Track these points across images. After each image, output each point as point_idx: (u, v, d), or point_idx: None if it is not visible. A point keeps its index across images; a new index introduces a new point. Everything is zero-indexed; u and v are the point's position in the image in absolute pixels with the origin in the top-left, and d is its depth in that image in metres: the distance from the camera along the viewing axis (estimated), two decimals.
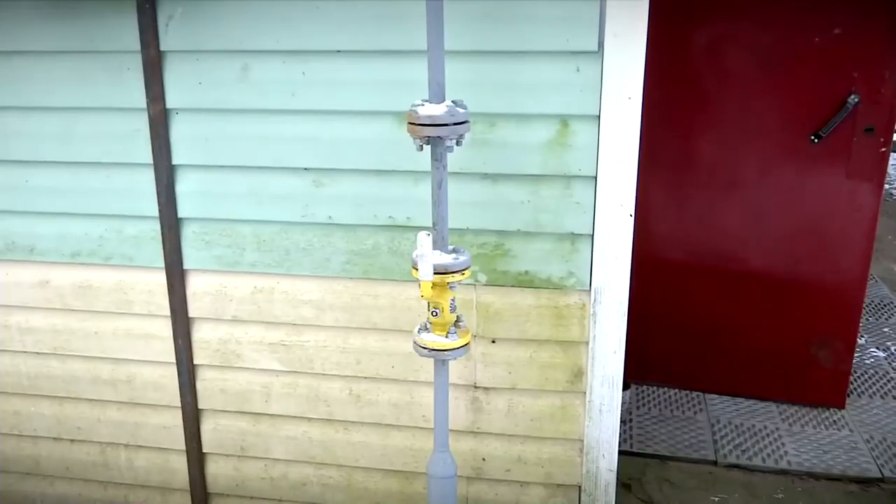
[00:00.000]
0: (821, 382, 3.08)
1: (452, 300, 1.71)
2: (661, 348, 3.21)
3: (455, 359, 1.77)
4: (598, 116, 1.85)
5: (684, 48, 2.88)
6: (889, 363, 3.48)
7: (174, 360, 2.27)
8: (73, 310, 2.29)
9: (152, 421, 2.37)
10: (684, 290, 3.12)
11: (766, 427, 2.99)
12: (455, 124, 1.59)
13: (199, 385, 2.29)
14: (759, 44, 2.79)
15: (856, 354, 3.25)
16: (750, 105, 2.85)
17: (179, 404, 2.31)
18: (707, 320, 3.13)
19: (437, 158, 1.63)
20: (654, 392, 3.26)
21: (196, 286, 2.20)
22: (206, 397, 2.30)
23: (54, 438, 2.46)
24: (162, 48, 1.98)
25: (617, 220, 1.92)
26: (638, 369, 3.18)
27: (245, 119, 2.01)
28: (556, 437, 2.14)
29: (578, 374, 2.08)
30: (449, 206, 1.68)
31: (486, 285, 2.06)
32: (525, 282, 2.03)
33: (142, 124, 2.05)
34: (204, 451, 2.36)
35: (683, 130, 2.96)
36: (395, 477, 2.28)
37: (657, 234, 3.08)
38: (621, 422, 2.47)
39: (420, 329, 1.77)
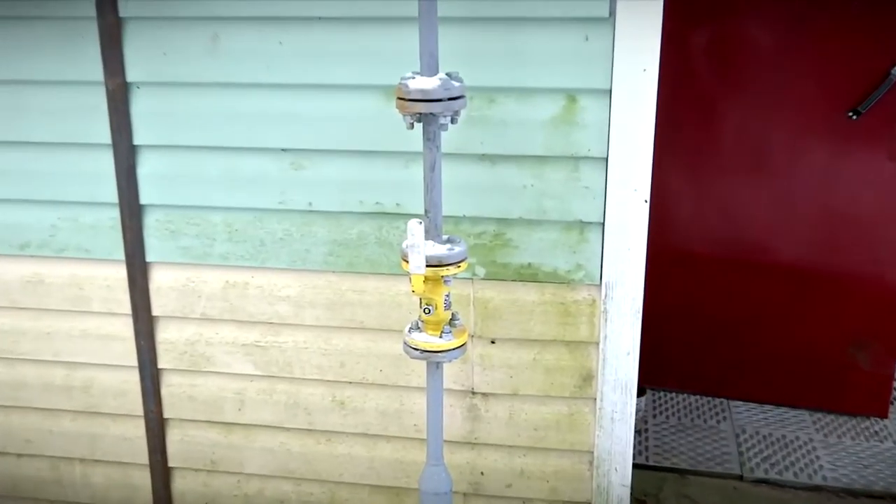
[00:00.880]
0: (860, 388, 3.11)
1: (447, 296, 1.74)
2: (680, 350, 3.24)
3: (450, 361, 1.79)
4: (610, 91, 1.88)
5: (705, 15, 2.91)
6: None
7: (136, 364, 2.30)
8: (21, 308, 2.32)
9: (111, 432, 2.40)
10: (706, 285, 3.15)
11: (797, 438, 3.03)
12: (449, 99, 1.61)
13: (164, 391, 2.33)
14: (789, 9, 2.82)
15: None
16: (779, 78, 2.88)
17: (142, 413, 2.34)
18: (732, 318, 3.16)
19: (430, 138, 1.65)
20: (672, 399, 3.30)
21: (160, 281, 2.23)
22: (171, 405, 2.33)
23: None
24: (121, 14, 2.00)
25: (630, 207, 1.95)
26: (654, 373, 3.21)
27: (215, 94, 2.04)
28: (563, 448, 2.18)
29: (588, 379, 2.12)
30: (443, 190, 1.71)
31: (484, 279, 2.09)
32: (528, 275, 2.07)
33: (99, 100, 2.07)
34: (170, 465, 2.40)
35: (705, 107, 2.99)
36: (383, 493, 2.32)
37: (675, 222, 3.11)
38: (636, 431, 2.50)
39: (411, 328, 1.80)
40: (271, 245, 2.15)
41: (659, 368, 3.22)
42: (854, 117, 2.83)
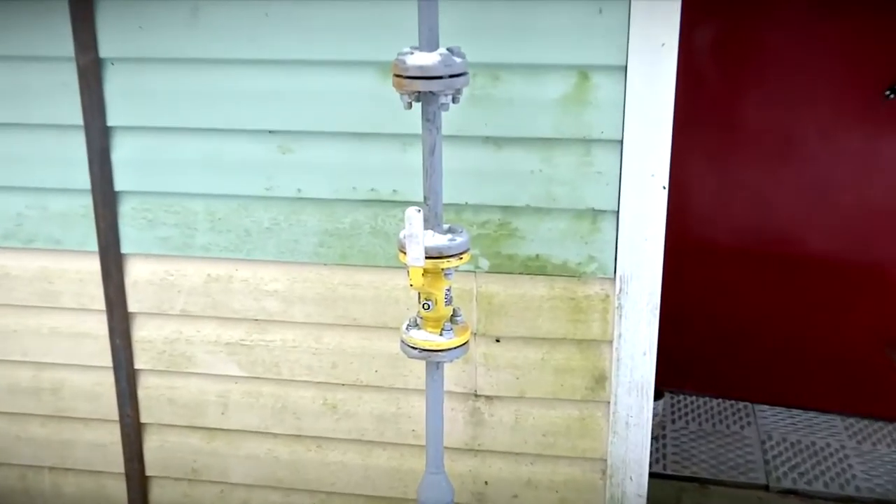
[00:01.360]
0: None
1: (448, 290, 1.74)
2: (702, 349, 3.25)
3: (451, 361, 1.79)
4: (625, 67, 1.88)
5: None
6: None
7: (111, 365, 2.30)
8: None
9: (84, 438, 2.41)
10: (730, 280, 3.15)
11: (828, 445, 3.04)
12: (451, 77, 1.61)
13: (140, 394, 2.33)
14: None
15: None
16: (809, 53, 2.87)
17: (117, 417, 2.35)
18: (758, 316, 3.16)
19: (430, 118, 1.65)
20: (692, 402, 3.31)
21: (137, 274, 2.24)
22: (149, 409, 2.34)
23: None
24: None
25: (647, 194, 1.95)
26: (673, 375, 3.20)
27: (195, 71, 2.04)
28: (574, 455, 2.19)
29: (600, 380, 2.12)
30: (444, 176, 1.71)
31: (488, 272, 2.09)
32: (536, 268, 2.07)
33: (69, 77, 2.07)
34: (147, 473, 2.40)
35: (728, 84, 2.99)
36: None
37: (696, 211, 3.11)
38: (653, 438, 2.50)
39: (409, 325, 1.80)
40: (257, 235, 2.15)
41: (678, 369, 3.22)
42: (891, 96, 2.83)
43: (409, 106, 1.64)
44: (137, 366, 2.31)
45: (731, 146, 3.04)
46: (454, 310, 1.79)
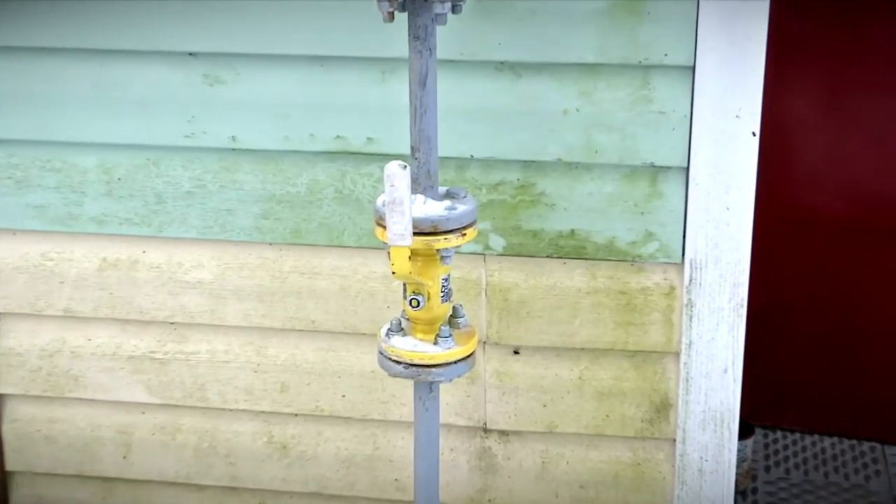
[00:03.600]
0: None
1: (446, 280, 1.76)
2: (808, 367, 3.26)
3: (450, 380, 1.81)
4: None
5: None
6: None
7: None
8: None
9: None
10: (849, 268, 3.16)
11: None
12: None
13: (5, 430, 2.36)
14: None
15: None
16: None
17: None
18: (891, 320, 3.18)
19: (420, 36, 1.67)
20: (794, 442, 3.33)
21: (1, 258, 2.26)
22: (18, 451, 2.37)
23: None
24: None
25: (730, 143, 1.96)
26: (767, 402, 3.23)
27: None
28: None
29: (663, 409, 2.15)
30: (441, 118, 1.73)
31: (503, 255, 2.12)
32: (570, 249, 2.09)
33: None
34: None
35: None
36: None
37: (800, 169, 3.12)
38: (738, 491, 2.52)
39: (390, 330, 1.82)
40: (173, 203, 2.17)
41: (774, 395, 3.24)
42: None
43: (391, 17, 1.66)
44: (2, 389, 2.33)
45: (850, 77, 3.05)
46: (455, 308, 1.81)
